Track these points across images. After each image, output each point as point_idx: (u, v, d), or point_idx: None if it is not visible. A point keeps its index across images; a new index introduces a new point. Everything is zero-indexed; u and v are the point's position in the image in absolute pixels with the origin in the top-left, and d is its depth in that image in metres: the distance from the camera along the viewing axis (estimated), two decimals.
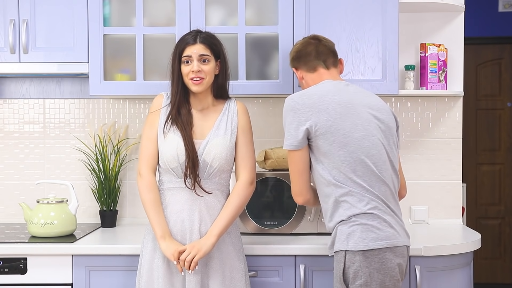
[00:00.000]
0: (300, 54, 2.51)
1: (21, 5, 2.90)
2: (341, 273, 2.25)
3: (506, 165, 5.74)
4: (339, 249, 2.25)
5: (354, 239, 2.22)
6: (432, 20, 3.18)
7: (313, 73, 2.48)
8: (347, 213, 2.25)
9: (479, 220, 5.75)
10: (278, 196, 2.81)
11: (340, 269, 2.25)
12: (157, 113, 2.45)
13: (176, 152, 2.36)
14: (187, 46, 2.40)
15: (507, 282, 5.74)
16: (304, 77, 2.51)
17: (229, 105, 2.49)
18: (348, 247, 2.22)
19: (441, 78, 3.08)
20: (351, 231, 2.23)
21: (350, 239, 2.23)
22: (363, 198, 2.25)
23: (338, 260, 2.26)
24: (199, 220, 2.38)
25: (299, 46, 2.53)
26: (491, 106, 5.74)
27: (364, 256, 2.21)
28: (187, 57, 2.39)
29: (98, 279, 2.64)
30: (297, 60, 2.52)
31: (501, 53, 5.72)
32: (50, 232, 2.75)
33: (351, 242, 2.22)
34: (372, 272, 2.21)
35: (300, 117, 2.30)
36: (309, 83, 2.49)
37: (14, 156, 3.28)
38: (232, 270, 2.40)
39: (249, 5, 2.88)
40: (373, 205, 2.24)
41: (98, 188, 3.11)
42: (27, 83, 3.27)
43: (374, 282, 2.21)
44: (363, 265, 2.21)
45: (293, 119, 2.31)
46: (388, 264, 2.22)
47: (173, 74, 2.44)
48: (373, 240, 2.21)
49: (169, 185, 2.42)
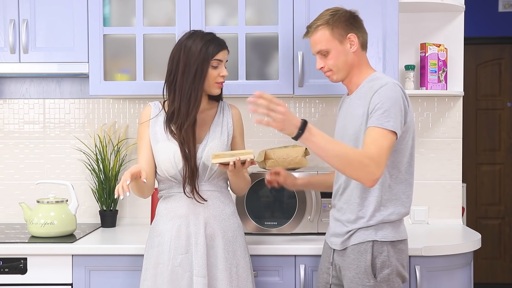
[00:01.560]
0: (359, 21, 2.30)
1: (21, 5, 2.90)
2: (369, 264, 2.26)
3: (506, 165, 5.74)
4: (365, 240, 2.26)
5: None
6: (432, 20, 3.18)
7: (363, 51, 2.31)
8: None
9: (479, 220, 5.75)
10: (278, 196, 2.81)
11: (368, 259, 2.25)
12: (147, 124, 2.44)
13: (174, 159, 2.36)
14: (221, 50, 2.38)
15: (507, 282, 5.74)
16: (357, 49, 2.27)
17: (223, 107, 2.49)
18: (377, 237, 2.25)
19: (441, 78, 3.08)
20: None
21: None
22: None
23: (364, 250, 2.26)
24: (204, 223, 2.37)
25: (349, 11, 2.30)
26: (491, 106, 5.74)
27: (392, 246, 2.25)
28: (217, 61, 2.37)
29: (98, 279, 2.64)
30: (357, 26, 2.28)
31: (501, 53, 5.72)
32: (50, 232, 2.75)
33: (380, 233, 2.25)
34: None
35: (406, 105, 2.19)
36: (360, 60, 2.29)
37: (14, 156, 3.28)
38: (238, 269, 2.40)
39: (249, 5, 2.88)
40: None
41: (98, 188, 3.11)
42: (27, 83, 3.27)
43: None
44: (391, 255, 2.24)
45: (403, 106, 2.16)
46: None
47: (199, 77, 2.35)
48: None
49: (170, 191, 2.42)
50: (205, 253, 2.34)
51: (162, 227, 2.39)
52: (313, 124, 2.52)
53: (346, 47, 2.27)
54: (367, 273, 2.22)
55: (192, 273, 2.34)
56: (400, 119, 2.15)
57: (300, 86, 2.83)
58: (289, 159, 2.81)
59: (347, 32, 2.27)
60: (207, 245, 2.36)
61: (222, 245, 2.38)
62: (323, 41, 2.28)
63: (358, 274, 2.24)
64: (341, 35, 2.27)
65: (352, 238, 2.27)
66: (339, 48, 2.27)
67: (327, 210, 2.79)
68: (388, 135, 2.11)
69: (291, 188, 2.60)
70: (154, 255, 2.39)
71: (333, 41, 2.27)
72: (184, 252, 2.35)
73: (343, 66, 2.29)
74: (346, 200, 2.30)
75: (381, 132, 2.11)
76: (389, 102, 2.14)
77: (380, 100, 2.15)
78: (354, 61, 2.29)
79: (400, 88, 2.19)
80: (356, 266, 2.25)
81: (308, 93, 2.85)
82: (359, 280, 2.23)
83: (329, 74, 2.33)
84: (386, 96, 2.15)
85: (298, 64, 2.81)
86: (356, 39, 2.28)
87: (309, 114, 3.20)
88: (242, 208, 2.80)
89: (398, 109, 2.15)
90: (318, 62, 2.33)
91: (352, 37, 2.27)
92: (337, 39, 2.27)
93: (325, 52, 2.29)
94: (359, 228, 2.26)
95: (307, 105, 3.21)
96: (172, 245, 2.36)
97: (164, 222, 2.40)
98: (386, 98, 2.15)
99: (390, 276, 2.23)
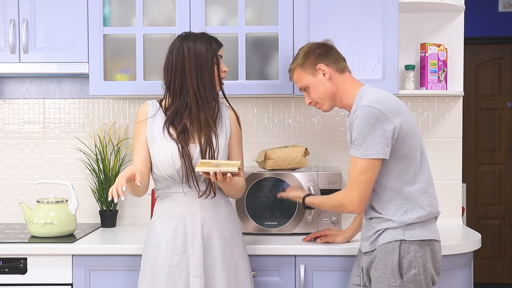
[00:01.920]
0: (327, 51, 2.41)
1: (21, 5, 2.90)
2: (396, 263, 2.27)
3: (506, 165, 5.74)
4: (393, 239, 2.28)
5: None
6: (432, 20, 3.18)
7: (341, 74, 2.40)
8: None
9: (479, 220, 5.75)
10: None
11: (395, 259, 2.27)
12: (144, 123, 2.44)
13: (171, 159, 2.36)
14: (221, 46, 2.45)
15: (507, 282, 5.74)
16: (332, 76, 2.38)
17: (221, 108, 2.49)
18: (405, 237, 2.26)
19: (441, 78, 3.08)
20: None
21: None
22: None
23: (392, 250, 2.28)
24: (201, 223, 2.37)
25: (318, 44, 2.44)
26: (491, 106, 5.75)
27: (419, 246, 2.27)
28: (220, 57, 2.44)
29: (98, 279, 2.64)
30: (325, 55, 2.40)
31: (501, 53, 5.72)
32: (50, 232, 2.75)
33: (408, 233, 2.27)
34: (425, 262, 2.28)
35: (384, 122, 2.24)
36: (338, 84, 2.38)
37: (14, 156, 3.28)
38: (237, 269, 2.40)
39: (249, 5, 2.88)
40: None
41: (98, 188, 3.11)
42: (27, 83, 3.27)
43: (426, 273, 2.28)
44: (418, 255, 2.26)
45: (378, 127, 2.23)
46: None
47: (210, 73, 2.39)
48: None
49: (167, 191, 2.42)
50: (202, 253, 2.34)
51: (159, 228, 2.40)
52: (313, 124, 2.70)
53: (320, 77, 2.40)
54: (394, 273, 2.24)
55: (189, 273, 2.33)
56: (379, 140, 2.21)
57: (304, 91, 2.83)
58: (289, 159, 2.81)
59: (315, 64, 2.39)
60: (204, 246, 2.36)
61: (219, 245, 2.37)
62: (299, 79, 2.44)
63: (385, 274, 2.25)
64: (312, 69, 2.40)
65: (380, 238, 2.29)
66: (314, 81, 2.40)
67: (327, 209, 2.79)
68: (358, 161, 2.24)
69: (344, 241, 2.67)
70: (151, 256, 2.39)
71: (306, 77, 2.42)
72: (181, 252, 2.35)
73: (325, 96, 2.41)
74: (372, 205, 2.35)
75: (353, 161, 2.27)
76: (359, 130, 2.23)
77: (355, 131, 2.26)
78: (333, 88, 2.39)
79: (375, 109, 2.22)
80: (383, 266, 2.26)
81: None
82: (386, 280, 2.25)
83: (318, 106, 2.47)
84: (357, 125, 2.24)
85: None
86: (325, 67, 2.38)
87: (309, 114, 3.20)
88: (242, 208, 2.80)
89: (372, 132, 2.22)
90: (305, 98, 2.48)
91: (321, 67, 2.39)
92: (309, 73, 2.41)
93: (305, 87, 2.44)
94: (387, 228, 2.28)
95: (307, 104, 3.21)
96: (169, 245, 2.36)
97: (161, 223, 2.40)
98: (357, 127, 2.24)
99: (417, 276, 2.24)
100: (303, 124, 3.21)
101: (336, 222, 2.80)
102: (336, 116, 3.20)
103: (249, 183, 2.79)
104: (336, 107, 2.60)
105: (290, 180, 2.78)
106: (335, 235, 2.65)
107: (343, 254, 2.60)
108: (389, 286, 2.24)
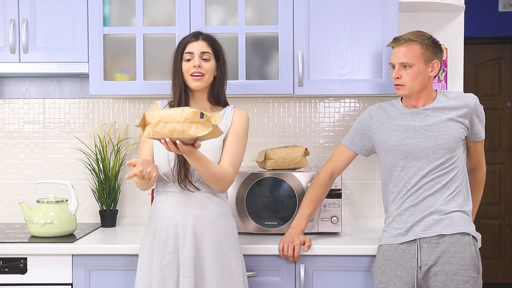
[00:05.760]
0: (441, 49, 2.48)
1: (21, 5, 2.90)
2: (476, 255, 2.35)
3: (506, 165, 5.74)
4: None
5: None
6: (432, 20, 3.18)
7: (434, 79, 2.53)
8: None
9: (479, 220, 5.75)
10: (278, 196, 2.81)
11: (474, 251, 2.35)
12: None
13: (167, 157, 2.37)
14: (189, 43, 2.43)
15: (507, 282, 5.74)
16: (432, 77, 2.47)
17: (226, 110, 2.49)
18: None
19: (441, 78, 3.08)
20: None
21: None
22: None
23: (467, 242, 2.35)
24: (192, 223, 2.37)
25: (434, 38, 2.47)
26: (491, 106, 5.74)
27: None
28: (188, 54, 2.41)
29: (98, 279, 2.64)
30: (440, 53, 2.46)
31: (501, 53, 5.72)
32: (50, 232, 2.75)
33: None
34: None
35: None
36: (429, 84, 2.46)
37: (14, 156, 3.28)
38: (230, 272, 2.39)
39: (249, 5, 2.88)
40: None
41: (98, 188, 3.11)
42: (27, 83, 3.27)
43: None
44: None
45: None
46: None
47: (174, 73, 2.44)
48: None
49: (162, 189, 2.44)
50: (192, 254, 2.34)
51: (154, 226, 2.41)
52: (313, 124, 2.66)
53: (428, 70, 2.42)
54: (474, 264, 2.31)
55: (179, 273, 2.34)
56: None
57: (300, 86, 2.83)
58: (289, 159, 2.81)
59: (433, 58, 2.43)
60: (195, 246, 2.36)
61: (210, 246, 2.37)
62: (412, 56, 2.41)
63: (463, 266, 2.30)
64: (428, 58, 2.42)
65: (449, 229, 2.36)
66: (422, 68, 2.41)
67: (327, 210, 2.79)
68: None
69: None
70: (146, 254, 2.40)
71: (420, 59, 2.41)
72: (172, 252, 2.36)
73: (417, 86, 2.43)
74: (437, 197, 2.42)
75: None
76: (484, 120, 2.50)
77: (483, 121, 2.51)
78: (427, 85, 2.44)
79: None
80: (460, 259, 2.31)
81: (308, 93, 2.85)
82: (464, 271, 2.29)
83: (399, 88, 2.45)
84: (483, 117, 2.50)
85: (298, 64, 2.81)
86: (438, 66, 2.44)
87: (309, 114, 3.20)
88: (242, 208, 2.80)
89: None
90: (396, 72, 2.44)
91: (435, 64, 2.44)
92: (424, 59, 2.41)
93: (410, 65, 2.41)
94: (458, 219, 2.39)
95: (307, 105, 3.21)
96: (161, 244, 2.37)
97: (155, 221, 2.41)
98: (483, 118, 2.50)
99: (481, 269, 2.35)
100: (303, 124, 3.21)
101: (336, 222, 2.80)
102: (336, 116, 3.20)
103: (249, 183, 2.79)
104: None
105: (290, 180, 2.79)
106: (302, 241, 2.57)
107: (343, 254, 2.60)
108: (469, 277, 2.30)
